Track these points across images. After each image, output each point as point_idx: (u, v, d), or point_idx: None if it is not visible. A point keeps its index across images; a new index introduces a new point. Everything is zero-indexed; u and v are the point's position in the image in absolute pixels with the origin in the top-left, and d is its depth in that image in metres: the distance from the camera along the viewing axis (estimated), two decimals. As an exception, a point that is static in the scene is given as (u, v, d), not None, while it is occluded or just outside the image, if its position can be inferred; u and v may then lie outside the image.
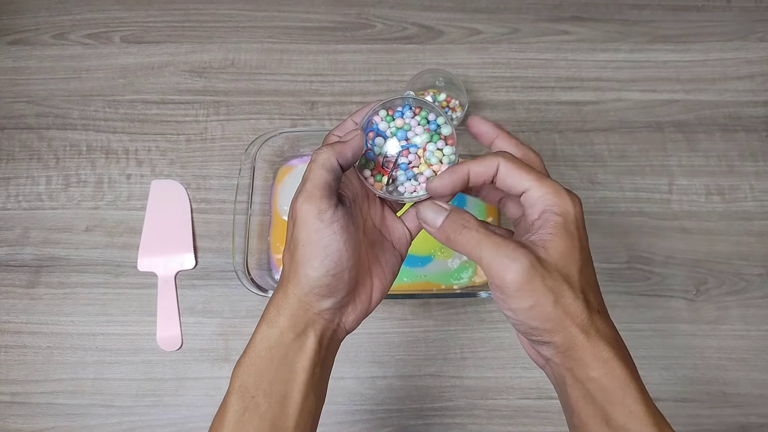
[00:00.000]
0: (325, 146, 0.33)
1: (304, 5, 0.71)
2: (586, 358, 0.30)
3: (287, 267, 0.34)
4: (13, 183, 0.63)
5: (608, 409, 0.30)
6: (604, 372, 0.30)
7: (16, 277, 0.59)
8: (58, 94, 0.67)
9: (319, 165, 0.32)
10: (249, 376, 0.32)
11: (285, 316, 0.33)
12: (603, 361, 0.30)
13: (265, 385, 0.32)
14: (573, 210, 0.31)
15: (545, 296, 0.30)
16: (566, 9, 0.71)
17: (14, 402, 0.56)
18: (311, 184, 0.32)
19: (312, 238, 0.32)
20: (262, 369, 0.32)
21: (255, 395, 0.32)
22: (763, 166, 0.64)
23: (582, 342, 0.30)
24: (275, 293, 0.35)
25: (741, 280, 0.60)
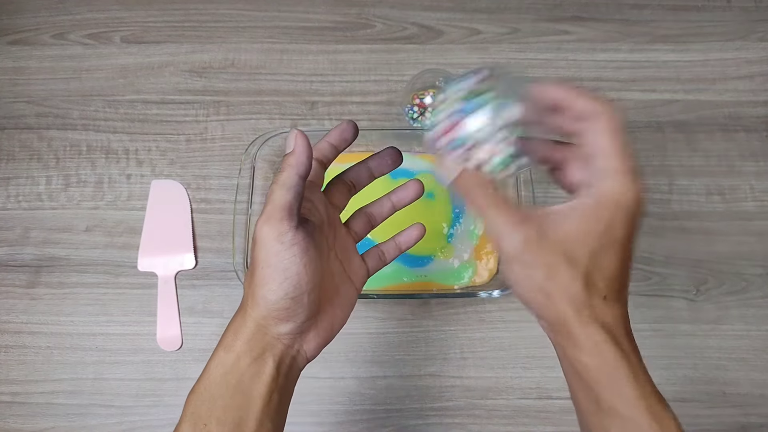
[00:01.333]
0: (284, 167, 0.32)
1: (304, 5, 0.71)
2: (577, 337, 0.30)
3: (246, 290, 0.34)
4: (13, 183, 0.63)
5: (597, 390, 0.30)
6: (594, 354, 0.30)
7: (16, 277, 0.59)
8: (58, 94, 0.67)
9: (279, 185, 0.32)
10: (202, 404, 0.31)
11: (242, 341, 0.32)
12: (593, 343, 0.30)
13: (219, 412, 0.31)
14: (623, 193, 0.29)
15: (538, 270, 0.29)
16: (566, 9, 0.71)
17: (14, 402, 0.56)
18: (271, 206, 0.32)
19: (271, 261, 0.32)
20: (215, 395, 0.32)
21: (207, 423, 0.31)
22: (763, 166, 0.64)
23: (573, 321, 0.30)
24: (234, 318, 0.34)
25: (741, 280, 0.60)
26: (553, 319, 0.30)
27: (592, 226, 0.29)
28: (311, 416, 0.55)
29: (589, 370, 0.30)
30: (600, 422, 0.30)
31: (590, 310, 0.30)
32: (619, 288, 0.31)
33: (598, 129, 0.30)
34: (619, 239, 0.30)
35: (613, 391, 0.29)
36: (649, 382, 0.30)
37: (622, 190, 0.30)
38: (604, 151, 0.30)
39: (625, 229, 0.30)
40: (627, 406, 0.29)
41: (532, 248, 0.29)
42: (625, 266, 0.31)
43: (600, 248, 0.30)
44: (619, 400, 0.29)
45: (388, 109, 0.65)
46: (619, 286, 0.31)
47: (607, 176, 0.30)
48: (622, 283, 0.31)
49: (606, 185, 0.30)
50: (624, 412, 0.29)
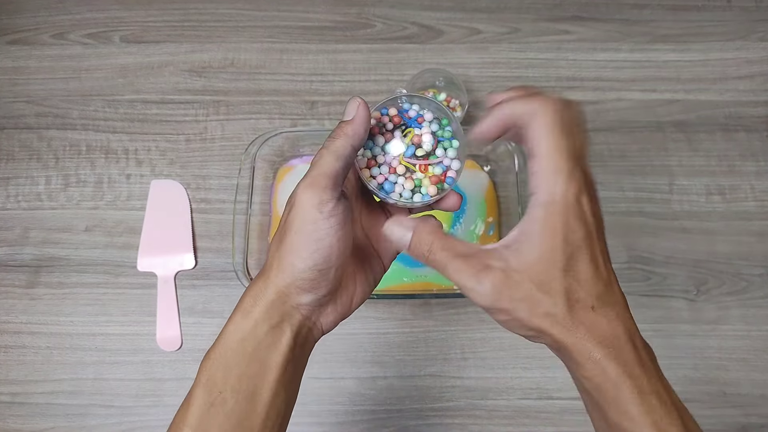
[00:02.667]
0: (339, 134, 0.31)
1: (304, 5, 0.70)
2: (576, 358, 0.29)
3: (272, 254, 0.32)
4: (13, 183, 0.63)
5: (603, 407, 0.29)
6: (595, 372, 0.29)
7: (15, 277, 0.59)
8: (58, 94, 0.66)
9: (331, 152, 0.31)
10: (217, 370, 0.31)
11: (261, 307, 0.32)
12: (593, 362, 0.29)
13: (234, 380, 0.31)
14: (563, 195, 0.28)
15: (518, 309, 0.29)
16: (566, 8, 0.70)
17: (14, 402, 0.56)
18: (318, 171, 0.31)
19: (307, 228, 0.31)
20: (231, 363, 0.31)
21: (222, 390, 0.31)
22: (763, 166, 0.64)
23: (569, 343, 0.29)
24: (253, 282, 0.33)
25: (741, 280, 0.59)
26: (552, 345, 0.30)
27: (551, 242, 0.28)
28: (311, 416, 0.55)
29: (595, 389, 0.29)
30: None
31: (583, 328, 0.29)
32: (603, 290, 0.29)
33: (534, 130, 0.28)
34: (580, 240, 0.29)
35: (618, 409, 0.29)
36: (656, 393, 0.29)
37: (563, 191, 0.28)
38: (540, 153, 0.28)
39: (583, 228, 0.29)
40: (632, 423, 0.28)
41: (504, 292, 0.29)
42: (599, 264, 0.29)
43: (568, 260, 0.28)
44: (624, 417, 0.28)
45: (388, 109, 0.65)
46: (602, 287, 0.29)
47: (547, 179, 0.28)
48: (605, 282, 0.30)
49: (547, 190, 0.28)
50: (630, 429, 0.28)
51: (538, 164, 0.28)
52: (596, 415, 0.30)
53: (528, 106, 0.29)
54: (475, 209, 0.60)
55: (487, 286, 0.29)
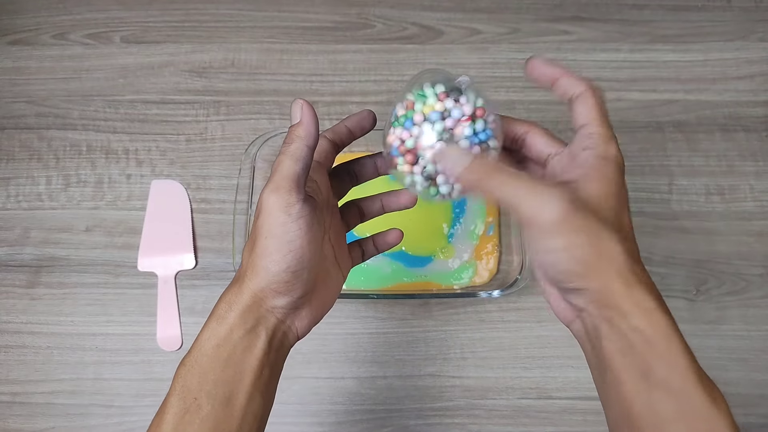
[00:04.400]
0: (293, 138, 0.33)
1: (304, 5, 0.71)
2: (626, 306, 0.28)
3: (245, 260, 0.33)
4: (13, 183, 0.63)
5: (650, 362, 0.28)
6: (648, 322, 0.28)
7: (15, 277, 0.59)
8: (58, 94, 0.67)
9: (289, 156, 0.32)
10: (192, 377, 0.31)
11: (236, 312, 0.32)
12: (645, 311, 0.28)
13: (209, 386, 0.31)
14: (617, 156, 0.31)
15: (583, 236, 0.28)
16: (566, 9, 0.71)
17: (14, 402, 0.56)
18: (279, 176, 0.32)
19: (276, 231, 0.31)
20: (206, 368, 0.31)
21: (197, 396, 0.31)
22: (763, 166, 0.64)
23: (621, 289, 0.28)
24: (227, 289, 0.33)
25: (741, 280, 0.60)
26: (600, 289, 0.29)
27: (609, 187, 0.30)
28: (311, 416, 0.55)
29: (646, 341, 0.28)
30: (647, 396, 0.28)
31: (635, 275, 0.29)
32: (638, 250, 0.31)
33: (587, 104, 0.32)
34: (625, 196, 0.31)
35: (668, 362, 0.28)
36: (693, 355, 0.29)
37: (615, 152, 0.31)
38: (595, 122, 0.32)
39: (625, 186, 0.31)
40: (681, 377, 0.28)
41: (575, 211, 0.28)
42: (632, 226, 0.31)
43: (620, 207, 0.30)
44: (673, 372, 0.28)
45: (388, 109, 0.65)
46: (638, 247, 0.31)
47: (604, 140, 0.31)
48: (636, 243, 0.31)
49: (605, 148, 0.31)
50: (677, 383, 0.27)
51: (594, 128, 0.32)
52: (632, 372, 0.28)
53: (581, 85, 0.33)
54: (475, 209, 0.60)
55: (562, 200, 0.28)
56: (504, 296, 0.54)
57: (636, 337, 0.28)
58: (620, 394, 0.29)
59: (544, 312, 0.58)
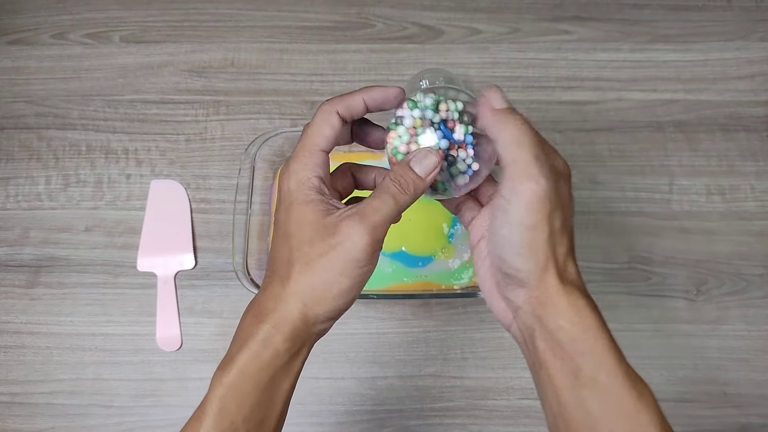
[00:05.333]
0: (409, 187, 0.32)
1: (304, 5, 0.70)
2: (559, 304, 0.30)
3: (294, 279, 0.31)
4: (13, 183, 0.63)
5: (578, 360, 0.29)
6: (576, 320, 0.29)
7: (15, 278, 0.59)
8: (58, 94, 0.66)
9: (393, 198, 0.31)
10: (231, 398, 0.30)
11: (283, 336, 0.30)
12: (575, 309, 0.30)
13: (247, 410, 0.30)
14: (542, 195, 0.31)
15: (546, 224, 0.30)
16: (567, 8, 0.70)
17: (14, 402, 0.56)
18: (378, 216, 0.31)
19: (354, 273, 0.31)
20: (246, 392, 0.30)
21: (234, 420, 0.30)
22: (763, 166, 0.64)
23: (556, 286, 0.30)
24: (267, 305, 0.31)
25: (741, 280, 0.59)
26: (539, 284, 0.30)
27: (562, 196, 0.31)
28: (311, 417, 0.55)
29: (572, 339, 0.29)
30: (576, 396, 0.29)
31: (568, 273, 0.30)
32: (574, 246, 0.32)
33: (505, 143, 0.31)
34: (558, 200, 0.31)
35: (595, 359, 0.29)
36: (621, 351, 0.30)
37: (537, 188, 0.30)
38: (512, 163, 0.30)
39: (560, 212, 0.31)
40: (607, 374, 0.29)
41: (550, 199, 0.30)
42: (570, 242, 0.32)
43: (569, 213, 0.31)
44: (600, 369, 0.29)
45: (388, 109, 0.65)
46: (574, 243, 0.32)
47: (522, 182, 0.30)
48: None
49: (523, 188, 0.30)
50: (604, 380, 0.29)
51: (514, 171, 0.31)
52: (563, 371, 0.30)
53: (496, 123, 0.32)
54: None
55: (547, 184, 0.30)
56: (504, 296, 0.54)
57: (564, 335, 0.29)
58: (554, 392, 0.30)
59: (544, 312, 0.58)
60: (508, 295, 0.33)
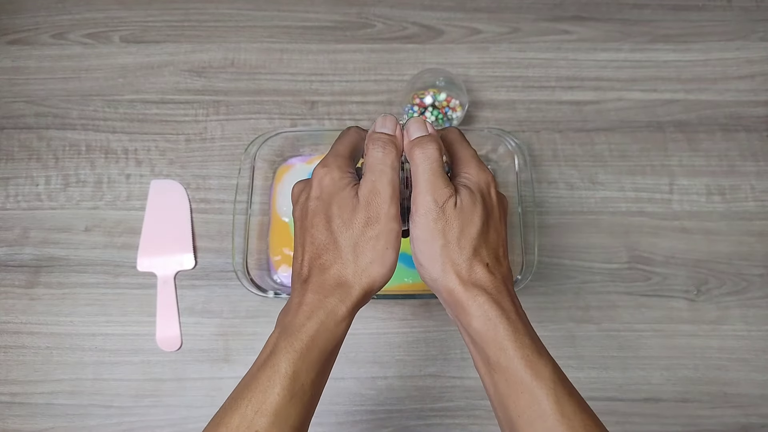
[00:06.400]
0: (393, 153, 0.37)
1: (304, 5, 0.70)
2: (464, 303, 0.34)
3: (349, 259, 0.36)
4: (12, 183, 0.63)
5: (486, 349, 0.34)
6: (478, 315, 0.34)
7: (15, 278, 0.59)
8: (58, 94, 0.66)
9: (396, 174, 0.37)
10: (303, 364, 0.33)
11: (347, 307, 0.35)
12: (477, 305, 0.34)
13: (314, 375, 0.33)
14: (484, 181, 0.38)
15: (440, 237, 0.35)
16: (567, 8, 0.70)
17: (13, 402, 0.56)
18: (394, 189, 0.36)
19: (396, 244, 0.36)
20: (315, 359, 0.34)
21: (304, 383, 0.33)
22: (764, 166, 0.64)
23: (458, 289, 0.34)
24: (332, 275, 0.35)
25: (742, 280, 0.59)
26: (446, 289, 0.35)
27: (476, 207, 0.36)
28: (311, 417, 0.55)
29: (478, 333, 0.34)
30: (491, 380, 0.34)
31: (472, 275, 0.35)
32: (500, 259, 0.37)
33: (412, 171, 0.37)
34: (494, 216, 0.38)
35: (496, 346, 0.33)
36: (528, 335, 0.34)
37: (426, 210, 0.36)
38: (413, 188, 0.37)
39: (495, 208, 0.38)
40: (507, 358, 0.33)
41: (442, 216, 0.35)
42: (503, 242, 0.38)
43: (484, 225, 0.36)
44: (501, 354, 0.33)
45: (389, 109, 0.65)
46: (499, 256, 0.37)
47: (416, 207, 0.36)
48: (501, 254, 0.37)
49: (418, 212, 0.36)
50: (505, 364, 0.33)
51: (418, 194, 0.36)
52: (480, 362, 0.35)
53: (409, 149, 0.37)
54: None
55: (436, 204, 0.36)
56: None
57: (472, 330, 0.34)
58: (481, 379, 0.36)
59: (544, 312, 0.58)
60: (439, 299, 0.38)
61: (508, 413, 0.33)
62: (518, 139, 0.57)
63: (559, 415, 0.31)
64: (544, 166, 0.63)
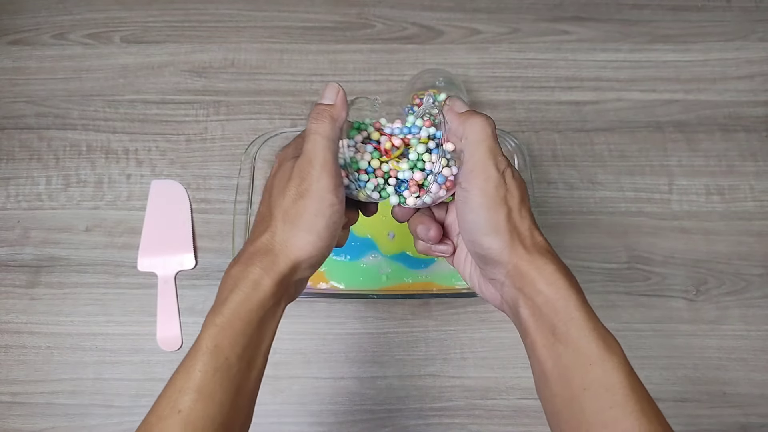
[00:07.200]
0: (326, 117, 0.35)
1: (304, 5, 0.71)
2: (531, 273, 0.33)
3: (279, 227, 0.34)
4: (13, 183, 0.63)
5: (553, 319, 0.33)
6: (548, 284, 0.33)
7: (15, 277, 0.59)
8: (58, 94, 0.67)
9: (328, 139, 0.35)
10: (225, 337, 0.32)
11: (272, 280, 0.33)
12: (546, 274, 0.33)
13: (239, 349, 0.32)
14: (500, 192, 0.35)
15: (503, 205, 0.34)
16: (566, 9, 0.71)
17: (14, 402, 0.56)
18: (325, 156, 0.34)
19: (327, 212, 0.34)
20: (239, 331, 0.32)
21: (228, 357, 0.32)
22: (763, 166, 0.64)
23: (526, 257, 0.34)
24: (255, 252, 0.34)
25: (741, 280, 0.60)
26: (511, 259, 0.34)
27: None
28: (311, 416, 0.55)
29: (548, 302, 0.33)
30: (554, 352, 0.33)
31: (535, 243, 0.34)
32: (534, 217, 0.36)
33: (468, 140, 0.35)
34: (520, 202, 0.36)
35: (567, 317, 0.32)
36: (590, 306, 0.33)
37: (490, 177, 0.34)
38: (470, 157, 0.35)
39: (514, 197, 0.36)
40: (577, 329, 0.32)
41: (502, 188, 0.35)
42: None
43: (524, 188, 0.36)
44: (571, 325, 0.32)
45: (389, 109, 0.66)
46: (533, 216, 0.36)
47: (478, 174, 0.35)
48: None
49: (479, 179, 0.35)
50: (575, 335, 0.32)
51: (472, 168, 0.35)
52: (542, 331, 0.34)
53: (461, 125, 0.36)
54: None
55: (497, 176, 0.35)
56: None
57: (541, 299, 0.33)
58: (536, 355, 0.34)
59: (544, 312, 0.58)
60: (491, 276, 0.36)
61: (571, 385, 0.32)
62: (518, 140, 0.57)
63: (629, 389, 0.31)
64: (543, 166, 0.64)
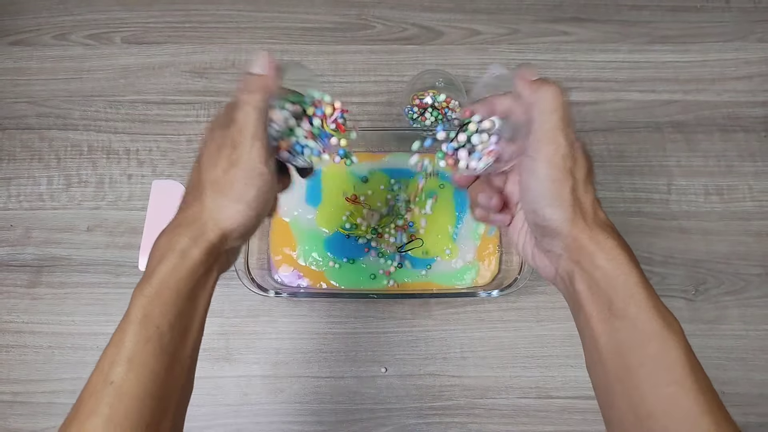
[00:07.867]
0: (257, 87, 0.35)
1: (304, 6, 0.71)
2: (591, 246, 0.33)
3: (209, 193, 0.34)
4: (14, 183, 0.63)
5: (611, 294, 0.32)
6: (608, 259, 0.32)
7: (17, 277, 0.60)
8: (60, 95, 0.67)
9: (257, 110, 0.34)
10: (154, 307, 0.32)
11: (201, 249, 0.33)
12: (606, 249, 0.33)
13: (171, 318, 0.32)
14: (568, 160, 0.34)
15: (570, 177, 0.33)
16: (565, 10, 0.71)
17: (15, 401, 0.56)
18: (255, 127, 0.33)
19: (257, 182, 0.33)
20: (168, 301, 0.32)
21: (159, 325, 0.32)
22: (761, 167, 0.64)
23: (587, 230, 0.33)
24: (185, 222, 0.34)
25: (740, 279, 0.60)
26: (571, 231, 0.33)
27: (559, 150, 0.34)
28: (311, 415, 0.56)
29: (607, 277, 0.32)
30: (610, 328, 0.32)
31: (597, 218, 0.34)
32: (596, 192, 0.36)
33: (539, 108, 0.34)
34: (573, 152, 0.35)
35: (626, 293, 0.32)
36: (650, 283, 0.33)
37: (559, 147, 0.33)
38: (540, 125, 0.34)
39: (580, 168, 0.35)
40: (637, 305, 0.32)
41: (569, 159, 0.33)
42: None
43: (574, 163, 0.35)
44: (630, 301, 0.32)
45: (389, 110, 0.66)
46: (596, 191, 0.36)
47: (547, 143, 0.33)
48: None
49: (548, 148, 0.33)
50: (634, 311, 0.31)
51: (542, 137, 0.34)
52: (598, 305, 0.33)
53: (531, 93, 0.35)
54: (475, 209, 0.60)
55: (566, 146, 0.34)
56: (503, 296, 0.55)
57: (599, 274, 0.33)
58: (590, 329, 0.33)
59: (543, 311, 0.59)
60: (548, 248, 0.35)
61: (627, 362, 0.31)
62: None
63: (689, 367, 0.31)
64: (543, 166, 0.64)
